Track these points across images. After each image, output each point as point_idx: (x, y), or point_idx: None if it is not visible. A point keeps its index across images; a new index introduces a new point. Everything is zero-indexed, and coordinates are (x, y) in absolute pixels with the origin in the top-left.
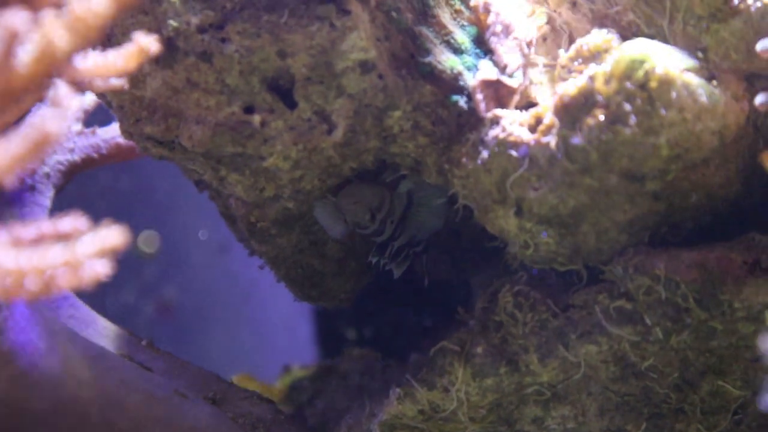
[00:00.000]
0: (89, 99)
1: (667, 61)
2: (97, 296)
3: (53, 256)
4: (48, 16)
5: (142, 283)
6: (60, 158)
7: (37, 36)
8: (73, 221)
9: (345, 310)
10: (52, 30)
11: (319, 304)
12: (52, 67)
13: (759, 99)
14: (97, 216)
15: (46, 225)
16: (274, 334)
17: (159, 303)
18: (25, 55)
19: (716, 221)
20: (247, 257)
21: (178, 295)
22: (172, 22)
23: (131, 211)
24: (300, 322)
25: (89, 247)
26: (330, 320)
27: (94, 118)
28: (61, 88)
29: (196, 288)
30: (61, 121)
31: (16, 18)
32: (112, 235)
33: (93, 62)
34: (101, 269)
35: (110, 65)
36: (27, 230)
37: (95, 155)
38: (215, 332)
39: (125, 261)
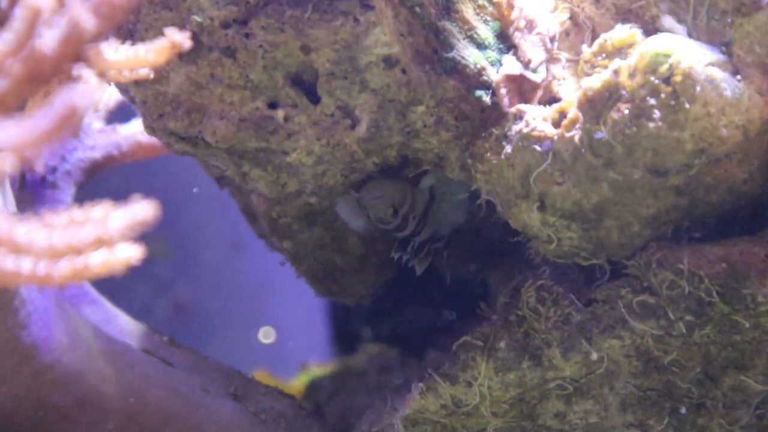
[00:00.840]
0: (111, 97)
1: (691, 55)
2: (112, 297)
3: (85, 233)
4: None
5: (156, 282)
6: (81, 155)
7: (63, 18)
8: (104, 208)
9: (362, 307)
10: (78, 12)
11: (339, 300)
12: (79, 51)
13: None
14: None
15: (77, 212)
16: (291, 333)
17: (174, 302)
18: (50, 37)
19: (739, 216)
20: (261, 255)
21: (192, 294)
22: (196, 18)
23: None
24: (317, 320)
25: (121, 222)
26: (347, 318)
27: (114, 118)
28: (87, 71)
29: (211, 286)
30: (89, 97)
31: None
32: (143, 209)
33: (123, 54)
34: (133, 252)
35: (140, 59)
36: (58, 217)
37: (116, 153)
38: (231, 331)
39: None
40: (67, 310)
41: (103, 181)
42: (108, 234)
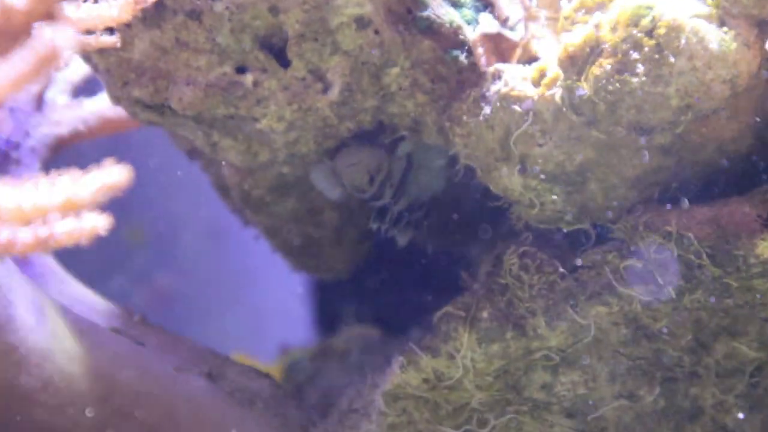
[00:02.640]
0: (76, 70)
1: (674, 7)
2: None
3: (54, 195)
4: None
5: (133, 270)
6: (46, 131)
7: None
8: (71, 176)
9: (342, 286)
10: None
11: (316, 274)
12: (50, 7)
13: None
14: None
15: (43, 180)
16: (271, 316)
17: (152, 290)
18: None
19: (728, 176)
20: (240, 237)
21: (171, 280)
22: None
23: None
24: (297, 302)
25: (92, 185)
26: (327, 298)
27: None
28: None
29: (189, 272)
30: (69, 38)
31: None
32: (114, 173)
33: (86, 12)
34: (101, 221)
35: (104, 16)
36: (23, 183)
37: (83, 128)
38: (210, 316)
39: (116, 248)
40: (31, 288)
41: (75, 163)
42: (78, 197)
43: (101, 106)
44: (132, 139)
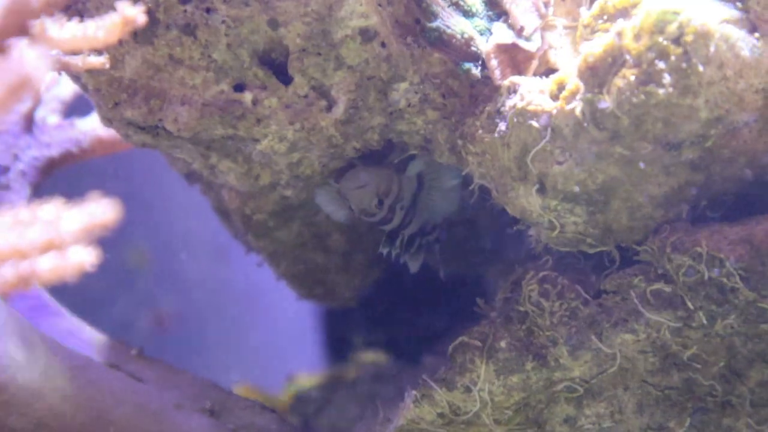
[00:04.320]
0: (67, 89)
1: (703, 11)
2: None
3: (34, 234)
4: None
5: (135, 294)
6: (36, 153)
7: None
8: (55, 207)
9: (353, 312)
10: None
11: (323, 303)
12: (24, 24)
13: None
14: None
15: (24, 211)
16: (279, 342)
17: (155, 315)
18: None
19: (761, 191)
20: (246, 260)
21: (174, 305)
22: None
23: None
24: (306, 327)
25: (75, 224)
26: (337, 324)
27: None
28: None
29: (193, 296)
30: (43, 61)
31: None
32: (101, 210)
33: (71, 33)
34: (87, 257)
35: (90, 37)
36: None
37: (75, 149)
38: (216, 342)
39: (117, 272)
40: (21, 323)
41: (72, 183)
42: (60, 236)
43: (94, 125)
44: (134, 154)
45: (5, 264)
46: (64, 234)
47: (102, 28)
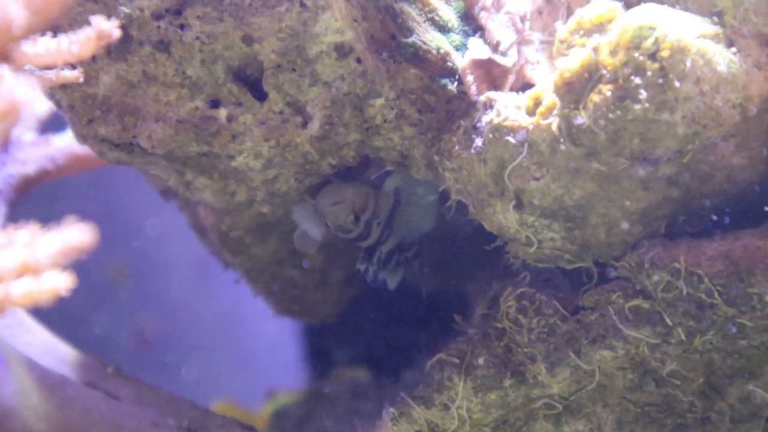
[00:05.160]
0: (42, 105)
1: (679, 27)
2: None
3: (8, 258)
4: None
5: (116, 310)
6: (11, 171)
7: None
8: (30, 231)
9: (332, 327)
10: (7, 3)
11: (301, 319)
12: (6, 47)
13: None
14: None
15: None
16: (259, 357)
17: (134, 331)
18: None
19: (739, 207)
20: (224, 276)
21: (155, 320)
22: (124, 9)
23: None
24: (286, 342)
25: (50, 248)
26: (317, 339)
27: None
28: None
29: (172, 312)
30: (30, 88)
31: None
32: (76, 234)
33: (44, 48)
34: (62, 281)
35: (64, 52)
36: None
37: (50, 167)
38: (194, 357)
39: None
40: None
41: (51, 199)
42: (36, 261)
43: (69, 142)
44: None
45: None
46: (39, 258)
47: (76, 43)
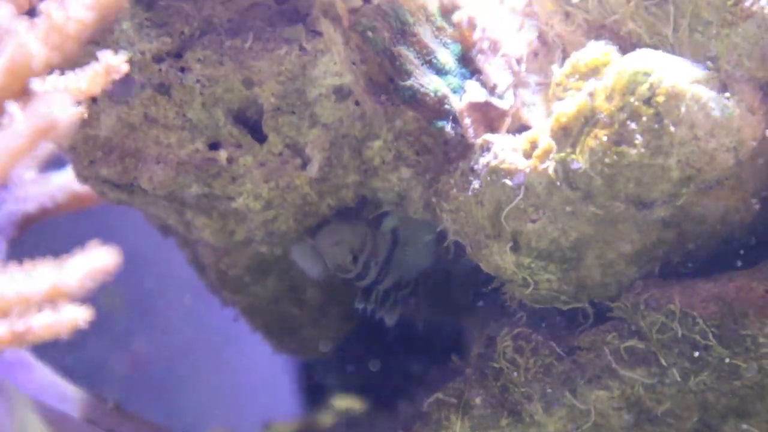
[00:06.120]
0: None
1: (674, 72)
2: (61, 353)
3: (38, 283)
4: (21, 24)
5: (111, 336)
6: (12, 208)
7: (10, 46)
8: (47, 266)
9: (329, 360)
10: (26, 39)
11: (298, 355)
12: (25, 83)
13: None
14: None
15: (15, 269)
16: (254, 386)
17: (130, 357)
18: None
19: (733, 248)
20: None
21: (150, 347)
22: (126, 52)
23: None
24: (282, 372)
25: (78, 272)
26: (313, 371)
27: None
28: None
29: (169, 339)
30: (68, 107)
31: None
32: (101, 257)
33: (52, 84)
34: (80, 313)
35: (71, 88)
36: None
37: (50, 204)
38: (190, 386)
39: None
40: None
41: (46, 228)
42: (65, 285)
43: (69, 180)
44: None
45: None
46: (68, 283)
47: (84, 78)
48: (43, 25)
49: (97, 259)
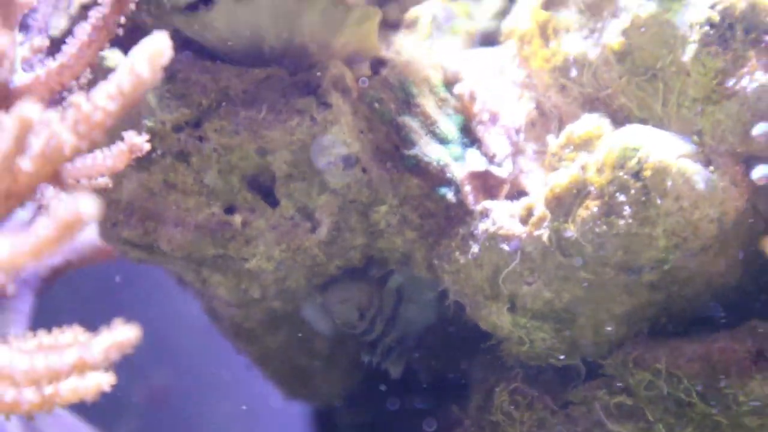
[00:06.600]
0: None
1: (661, 148)
2: None
3: (66, 356)
4: (52, 114)
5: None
6: (39, 264)
7: (43, 134)
8: (72, 332)
9: (338, 408)
10: (58, 129)
11: (308, 402)
12: (57, 169)
13: (756, 173)
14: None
15: (45, 337)
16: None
17: (147, 390)
18: (30, 154)
19: (718, 309)
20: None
21: (169, 380)
22: (147, 122)
23: (115, 294)
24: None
25: (102, 346)
26: (323, 415)
27: None
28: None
29: (188, 374)
30: (93, 204)
31: (31, 109)
32: (124, 333)
33: (81, 162)
34: (105, 379)
35: (99, 165)
36: (25, 343)
37: (75, 258)
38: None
39: None
40: (18, 422)
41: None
42: (90, 358)
43: (93, 235)
44: None
45: (29, 388)
46: (93, 356)
47: (110, 157)
48: (72, 116)
49: (120, 335)
